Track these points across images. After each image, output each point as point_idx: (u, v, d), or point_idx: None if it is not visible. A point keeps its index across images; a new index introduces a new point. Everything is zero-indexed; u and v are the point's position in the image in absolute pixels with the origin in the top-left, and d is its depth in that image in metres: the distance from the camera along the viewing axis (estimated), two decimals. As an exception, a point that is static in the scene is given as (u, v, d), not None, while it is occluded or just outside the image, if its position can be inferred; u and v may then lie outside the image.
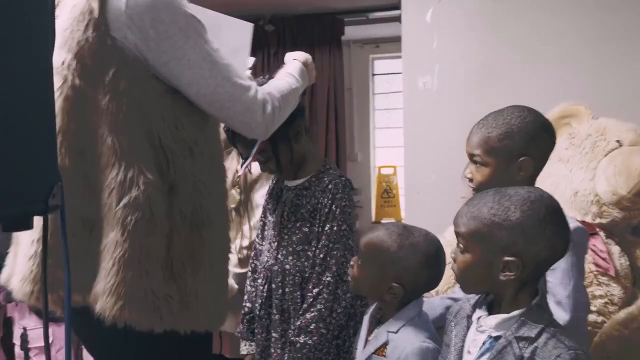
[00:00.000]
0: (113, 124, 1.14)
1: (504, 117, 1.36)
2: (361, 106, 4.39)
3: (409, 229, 1.42)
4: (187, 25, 1.18)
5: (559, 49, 2.43)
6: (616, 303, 1.85)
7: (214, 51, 1.22)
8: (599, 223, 1.99)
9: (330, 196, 1.60)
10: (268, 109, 1.29)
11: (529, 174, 1.36)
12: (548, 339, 1.06)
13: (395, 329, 1.36)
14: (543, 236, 1.08)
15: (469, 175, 1.41)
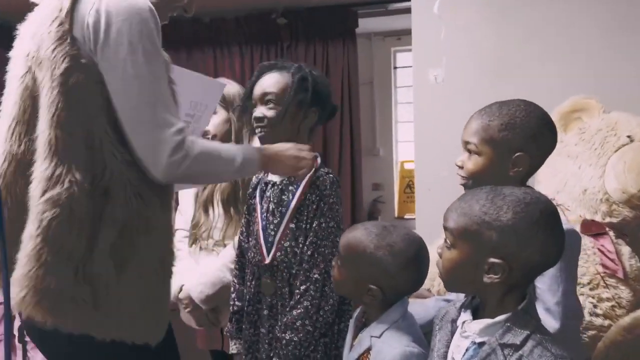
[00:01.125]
0: (55, 118, 1.16)
1: (509, 107, 1.31)
2: (383, 100, 4.36)
3: (388, 229, 1.37)
4: (139, 42, 1.18)
5: (572, 41, 2.34)
6: (624, 306, 1.77)
7: (154, 78, 1.21)
8: (609, 222, 1.92)
9: (318, 192, 1.58)
10: (178, 155, 1.23)
11: (523, 171, 1.31)
12: (534, 347, 1.02)
13: (379, 334, 1.33)
14: (535, 240, 1.04)
15: (460, 163, 1.36)
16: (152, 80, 1.20)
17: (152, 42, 1.20)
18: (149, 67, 1.19)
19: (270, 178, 1.71)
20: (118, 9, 1.17)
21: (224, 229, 2.14)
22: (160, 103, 1.22)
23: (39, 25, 1.22)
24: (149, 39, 1.20)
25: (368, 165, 4.09)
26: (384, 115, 4.35)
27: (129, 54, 1.17)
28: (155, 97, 1.21)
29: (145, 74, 1.19)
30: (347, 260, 1.37)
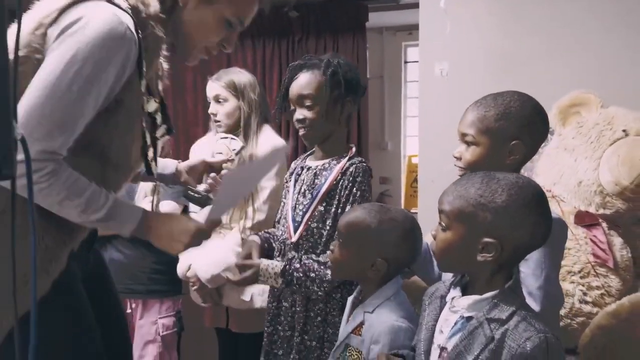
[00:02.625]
0: None
1: (503, 98, 1.37)
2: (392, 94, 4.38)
3: (384, 207, 1.47)
4: (83, 60, 1.16)
5: (576, 37, 2.37)
6: (613, 295, 1.82)
7: (70, 93, 1.16)
8: (602, 214, 1.96)
9: (351, 179, 1.67)
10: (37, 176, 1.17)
11: (518, 159, 1.36)
12: (519, 322, 1.09)
13: (371, 309, 1.41)
14: (526, 222, 1.11)
15: (457, 155, 1.42)
16: (65, 92, 1.16)
17: (97, 69, 1.17)
18: (71, 85, 1.16)
19: (307, 163, 1.81)
20: (83, 25, 1.17)
21: (230, 212, 2.21)
22: (47, 123, 1.16)
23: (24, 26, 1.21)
24: (97, 65, 1.17)
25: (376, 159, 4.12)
26: (394, 110, 4.38)
27: (67, 63, 1.15)
28: (51, 112, 1.16)
29: (64, 87, 1.16)
30: (350, 239, 1.44)
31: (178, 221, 1.35)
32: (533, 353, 1.04)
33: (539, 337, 1.05)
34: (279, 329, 1.75)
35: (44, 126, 1.16)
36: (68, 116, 1.18)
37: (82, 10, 1.19)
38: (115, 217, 1.27)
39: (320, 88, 1.69)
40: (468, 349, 1.10)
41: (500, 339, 1.08)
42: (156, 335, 2.33)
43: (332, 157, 1.75)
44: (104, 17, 1.17)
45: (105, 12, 1.18)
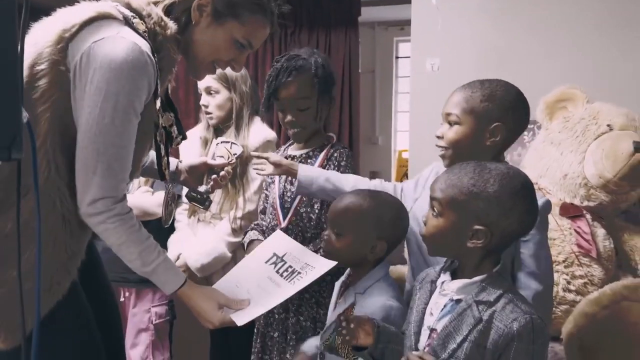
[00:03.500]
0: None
1: (490, 82, 1.42)
2: (384, 89, 4.41)
3: (371, 190, 1.52)
4: (115, 95, 1.20)
5: (564, 33, 2.43)
6: (596, 284, 1.88)
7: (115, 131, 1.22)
8: (587, 206, 2.01)
9: (336, 163, 1.77)
10: (98, 218, 1.26)
11: (498, 141, 1.40)
12: (506, 304, 1.13)
13: (362, 290, 1.46)
14: (516, 210, 1.15)
15: (440, 134, 1.45)
16: (111, 132, 1.22)
17: (129, 99, 1.22)
18: (113, 120, 1.21)
19: (290, 152, 1.87)
20: (109, 57, 1.19)
21: (221, 202, 2.23)
22: (106, 159, 1.23)
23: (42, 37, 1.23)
24: (127, 95, 1.21)
25: (367, 153, 4.15)
26: (384, 105, 4.41)
27: (103, 101, 1.20)
28: (105, 148, 1.22)
29: (107, 123, 1.21)
30: (349, 225, 1.47)
31: (209, 306, 1.38)
32: (519, 333, 1.09)
33: (525, 318, 1.10)
34: (274, 311, 1.80)
35: (103, 162, 1.23)
36: (120, 149, 1.25)
37: (103, 32, 1.21)
38: (159, 275, 1.34)
39: (312, 92, 1.77)
40: (457, 330, 1.15)
41: (488, 320, 1.12)
42: (149, 323, 2.36)
43: (314, 147, 1.85)
44: (126, 49, 1.19)
45: (127, 43, 1.20)
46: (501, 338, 1.10)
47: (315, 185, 1.65)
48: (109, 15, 1.24)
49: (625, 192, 1.98)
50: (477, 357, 1.13)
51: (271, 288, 1.42)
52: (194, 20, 1.35)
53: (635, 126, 1.99)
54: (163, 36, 1.30)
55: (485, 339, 1.12)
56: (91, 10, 1.23)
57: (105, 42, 1.19)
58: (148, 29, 1.28)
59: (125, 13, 1.27)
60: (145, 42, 1.25)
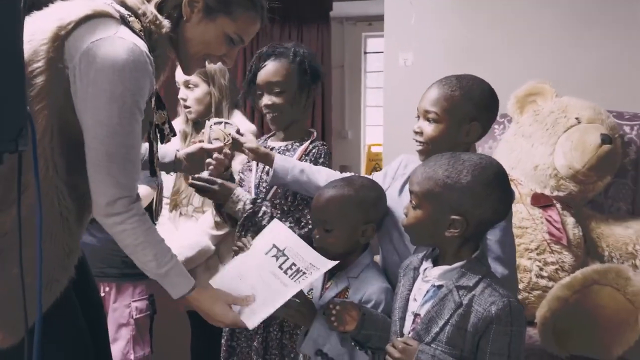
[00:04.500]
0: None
1: (467, 80, 1.45)
2: (353, 84, 4.46)
3: (346, 178, 1.56)
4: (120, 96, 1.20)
5: (532, 30, 2.53)
6: (567, 270, 1.96)
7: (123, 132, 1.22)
8: (557, 196, 2.09)
9: (313, 159, 1.77)
10: (116, 219, 1.26)
11: (474, 138, 1.46)
12: (484, 288, 1.19)
13: (356, 274, 1.50)
14: (489, 199, 1.20)
15: (418, 129, 1.47)
16: (120, 132, 1.22)
17: (133, 99, 1.22)
18: (121, 121, 1.22)
19: (269, 144, 1.88)
20: (111, 58, 1.18)
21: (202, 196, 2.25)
22: (118, 159, 1.23)
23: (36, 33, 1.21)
24: (132, 96, 1.22)
25: (337, 147, 4.20)
26: (353, 99, 4.47)
27: (109, 102, 1.20)
28: (116, 149, 1.23)
29: (115, 124, 1.21)
30: (336, 218, 1.48)
31: (219, 307, 1.40)
32: (497, 316, 1.15)
33: (502, 301, 1.15)
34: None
35: (116, 163, 1.23)
36: (130, 149, 1.25)
37: (100, 31, 1.20)
38: (172, 278, 1.35)
39: (289, 75, 1.78)
40: (439, 314, 1.20)
41: (467, 304, 1.18)
42: (129, 318, 2.34)
43: (294, 140, 1.85)
44: (127, 49, 1.19)
45: (127, 43, 1.20)
46: (480, 321, 1.16)
47: (290, 175, 1.66)
48: (106, 14, 1.23)
49: (593, 182, 2.07)
50: (458, 339, 1.18)
51: (277, 285, 1.43)
52: (185, 16, 1.34)
53: (602, 119, 2.09)
54: (158, 35, 1.30)
55: (466, 322, 1.17)
56: (87, 8, 1.22)
57: (104, 42, 1.19)
58: (143, 27, 1.28)
59: (121, 11, 1.26)
60: (143, 42, 1.25)
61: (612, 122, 2.13)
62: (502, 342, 1.15)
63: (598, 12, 2.45)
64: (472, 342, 1.17)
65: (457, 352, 1.18)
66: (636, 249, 2.04)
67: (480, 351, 1.17)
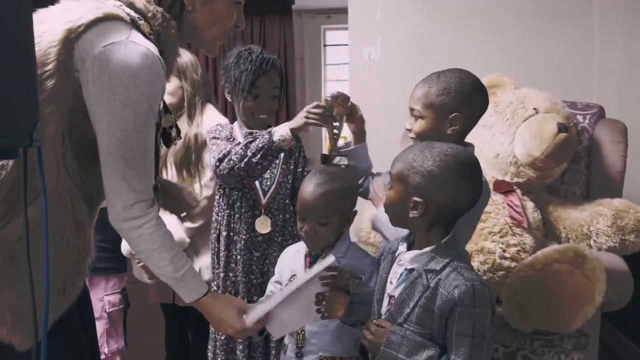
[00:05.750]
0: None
1: (445, 76, 1.51)
2: (313, 77, 4.50)
3: (326, 171, 1.61)
4: (135, 101, 1.19)
5: (492, 24, 2.65)
6: (528, 251, 2.08)
7: (138, 137, 1.21)
8: (517, 182, 2.21)
9: (301, 144, 2.00)
10: (132, 223, 1.25)
11: (458, 129, 1.51)
12: (450, 272, 1.24)
13: (342, 254, 1.58)
14: (448, 185, 1.25)
15: (408, 127, 1.57)
16: (135, 137, 1.22)
17: (149, 104, 1.22)
18: (136, 126, 1.21)
19: (251, 131, 1.97)
20: (125, 63, 1.17)
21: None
22: (133, 164, 1.23)
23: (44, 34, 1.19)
24: (147, 101, 1.21)
25: (297, 139, 4.25)
26: (314, 92, 4.52)
27: (124, 107, 1.18)
28: (131, 154, 1.22)
29: (130, 129, 1.20)
30: (334, 209, 1.56)
31: (230, 312, 1.41)
32: (460, 298, 1.20)
33: (465, 285, 1.21)
34: (252, 277, 1.95)
35: (131, 167, 1.22)
36: (145, 153, 1.25)
37: (112, 35, 1.19)
38: (187, 282, 1.34)
39: (280, 82, 1.97)
40: (410, 297, 1.27)
41: (434, 287, 1.24)
42: (102, 312, 2.34)
43: (267, 126, 1.98)
44: (140, 54, 1.18)
45: (140, 48, 1.19)
46: (444, 303, 1.22)
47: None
48: (117, 17, 1.22)
49: (551, 168, 2.19)
50: (427, 320, 1.25)
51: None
52: (188, 6, 1.33)
53: (558, 109, 2.21)
54: (167, 37, 1.30)
55: (433, 304, 1.23)
56: (98, 11, 1.20)
57: (117, 46, 1.17)
58: (153, 30, 1.27)
59: (131, 14, 1.25)
60: (154, 46, 1.24)
61: (567, 111, 2.25)
62: (467, 324, 1.21)
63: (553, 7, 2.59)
64: (440, 323, 1.24)
65: (427, 332, 1.25)
66: (590, 230, 2.17)
67: (448, 331, 1.24)
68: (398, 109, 2.63)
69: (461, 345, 1.22)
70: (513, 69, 2.43)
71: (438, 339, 1.25)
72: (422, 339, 1.25)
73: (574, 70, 2.58)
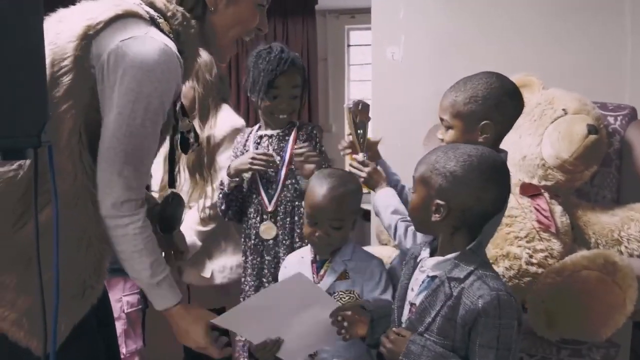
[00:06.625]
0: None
1: (472, 82, 1.46)
2: (336, 77, 4.48)
3: (334, 173, 1.60)
4: (147, 97, 1.17)
5: (518, 23, 2.58)
6: (555, 257, 2.01)
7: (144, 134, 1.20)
8: (544, 185, 2.14)
9: (317, 139, 1.99)
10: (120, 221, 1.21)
11: (491, 137, 1.45)
12: (474, 281, 1.20)
13: (349, 257, 1.57)
14: (470, 186, 1.21)
15: (440, 137, 1.52)
16: (140, 133, 1.20)
17: (161, 101, 1.20)
18: (144, 122, 1.19)
19: (263, 132, 1.99)
20: (141, 58, 1.15)
21: (189, 192, 2.23)
22: (133, 160, 1.20)
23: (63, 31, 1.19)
24: (159, 97, 1.19)
25: (320, 141, 4.23)
26: (337, 92, 4.49)
27: (135, 102, 1.17)
28: (133, 150, 1.20)
29: (137, 124, 1.18)
30: (348, 212, 1.55)
31: (197, 328, 1.34)
32: (484, 309, 1.16)
33: (490, 295, 1.16)
34: (264, 280, 1.94)
35: (130, 164, 1.20)
36: (147, 151, 1.23)
37: (130, 31, 1.18)
38: (162, 289, 1.29)
39: (301, 82, 1.96)
40: (431, 305, 1.22)
41: (457, 296, 1.19)
42: (121, 312, 2.34)
43: (285, 126, 2.00)
44: (158, 50, 1.17)
45: (158, 44, 1.18)
46: (468, 313, 1.17)
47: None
48: (136, 14, 1.21)
49: (580, 171, 2.12)
50: (449, 330, 1.20)
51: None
52: (211, 6, 1.30)
53: (588, 110, 2.14)
54: (187, 36, 1.27)
55: (455, 314, 1.19)
56: (117, 8, 1.19)
57: (135, 41, 1.16)
58: (172, 29, 1.25)
59: (150, 12, 1.24)
60: (173, 44, 1.22)
61: (597, 113, 2.17)
62: (491, 335, 1.16)
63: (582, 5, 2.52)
64: (463, 333, 1.19)
65: (448, 343, 1.20)
66: (621, 235, 2.09)
67: (470, 342, 1.19)
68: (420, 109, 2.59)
69: (485, 357, 1.17)
70: (540, 68, 2.35)
71: (460, 350, 1.21)
72: (444, 350, 1.20)
73: (604, 70, 2.50)
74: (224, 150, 2.21)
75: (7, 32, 0.83)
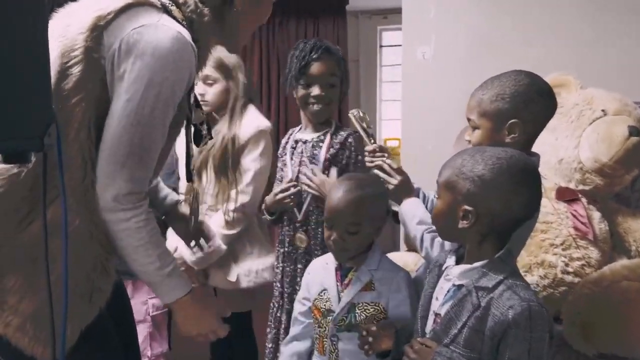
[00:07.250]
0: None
1: (500, 80, 1.40)
2: (368, 78, 4.43)
3: (356, 177, 1.55)
4: (158, 85, 1.15)
5: (554, 20, 2.49)
6: (593, 265, 1.92)
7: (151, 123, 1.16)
8: (582, 190, 2.05)
9: (353, 148, 1.87)
10: (122, 215, 1.17)
11: (520, 137, 1.38)
12: (504, 291, 1.14)
13: (375, 266, 1.51)
14: (499, 191, 1.15)
15: (468, 138, 1.46)
16: (149, 123, 1.16)
17: (172, 90, 1.17)
18: (153, 110, 1.16)
19: (300, 136, 1.95)
20: (154, 45, 1.13)
21: (215, 194, 2.22)
22: (139, 150, 1.17)
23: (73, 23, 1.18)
24: (171, 86, 1.16)
25: (353, 142, 4.19)
26: (369, 93, 4.44)
27: (145, 90, 1.13)
28: (140, 140, 1.16)
29: (146, 113, 1.15)
30: (365, 217, 1.49)
31: (208, 312, 1.33)
32: (515, 320, 1.10)
33: (521, 306, 1.11)
34: (297, 289, 1.88)
35: (135, 155, 1.16)
36: (153, 142, 1.19)
37: (142, 19, 1.16)
38: (172, 280, 1.25)
39: (339, 72, 1.89)
40: (457, 316, 1.17)
41: (485, 306, 1.14)
42: (146, 315, 2.34)
43: (323, 131, 1.92)
44: (171, 37, 1.15)
45: (171, 31, 1.15)
46: (497, 325, 1.12)
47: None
48: (147, 2, 1.18)
49: (620, 175, 2.02)
50: (477, 342, 1.15)
51: None
52: (239, 6, 1.29)
53: (629, 111, 2.04)
54: (200, 24, 1.25)
55: (483, 326, 1.14)
56: None
57: (147, 29, 1.13)
58: (185, 17, 1.23)
59: (162, 0, 1.21)
60: (187, 32, 1.20)
61: (639, 113, 2.07)
62: (522, 348, 1.11)
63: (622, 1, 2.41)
64: (491, 346, 1.14)
65: (475, 356, 1.15)
66: (665, 243, 2.00)
67: (499, 356, 1.14)
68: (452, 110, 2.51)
69: None
70: (577, 68, 2.26)
71: (488, 363, 1.15)
72: None
73: (646, 68, 2.38)
74: (249, 153, 2.18)
75: (10, 33, 0.80)
